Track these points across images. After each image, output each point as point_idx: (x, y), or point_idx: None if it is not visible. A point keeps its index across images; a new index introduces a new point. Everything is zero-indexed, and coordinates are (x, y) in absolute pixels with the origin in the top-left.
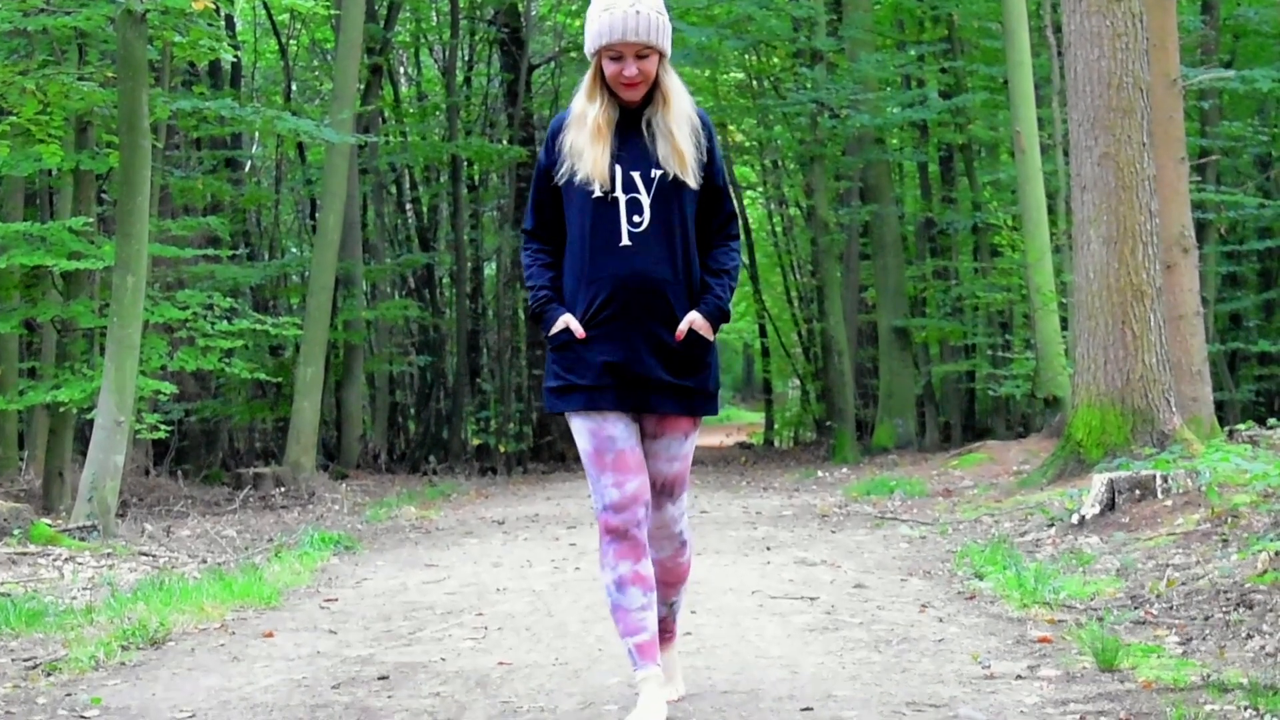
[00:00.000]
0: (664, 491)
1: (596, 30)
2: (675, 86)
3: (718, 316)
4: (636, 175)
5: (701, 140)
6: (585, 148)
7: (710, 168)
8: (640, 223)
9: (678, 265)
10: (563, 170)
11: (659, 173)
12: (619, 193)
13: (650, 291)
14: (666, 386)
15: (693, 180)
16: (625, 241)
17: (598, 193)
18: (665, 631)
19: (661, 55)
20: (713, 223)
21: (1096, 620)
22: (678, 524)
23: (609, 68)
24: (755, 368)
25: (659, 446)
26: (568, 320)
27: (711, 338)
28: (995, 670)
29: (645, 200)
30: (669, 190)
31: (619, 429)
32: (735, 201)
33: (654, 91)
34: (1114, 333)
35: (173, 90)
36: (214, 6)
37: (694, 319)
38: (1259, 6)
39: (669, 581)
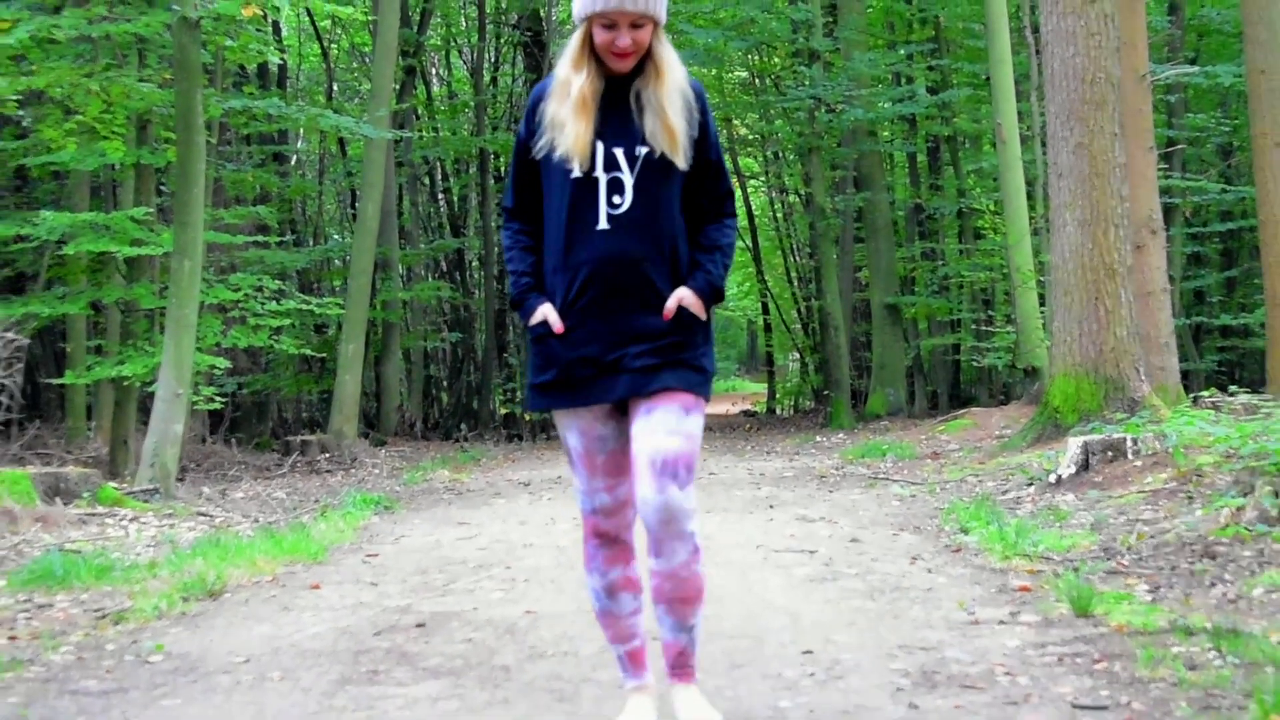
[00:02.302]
0: (665, 472)
1: None
2: (669, 58)
3: (709, 293)
4: (619, 152)
5: (695, 115)
6: (567, 120)
7: (704, 143)
8: (620, 204)
9: (663, 248)
10: (541, 143)
11: (644, 150)
12: (599, 171)
13: (632, 275)
14: (653, 368)
15: (682, 160)
16: (604, 225)
17: (576, 171)
18: (685, 666)
19: (656, 24)
20: (706, 200)
21: (1072, 570)
22: (688, 519)
23: (600, 36)
24: (758, 342)
25: (654, 421)
26: (547, 312)
27: (703, 316)
28: (980, 616)
29: (628, 180)
30: (655, 170)
31: (609, 428)
32: (733, 181)
33: (645, 62)
34: (1088, 308)
35: (225, 91)
36: (262, 13)
37: (683, 295)
38: (1221, 7)
39: (683, 598)
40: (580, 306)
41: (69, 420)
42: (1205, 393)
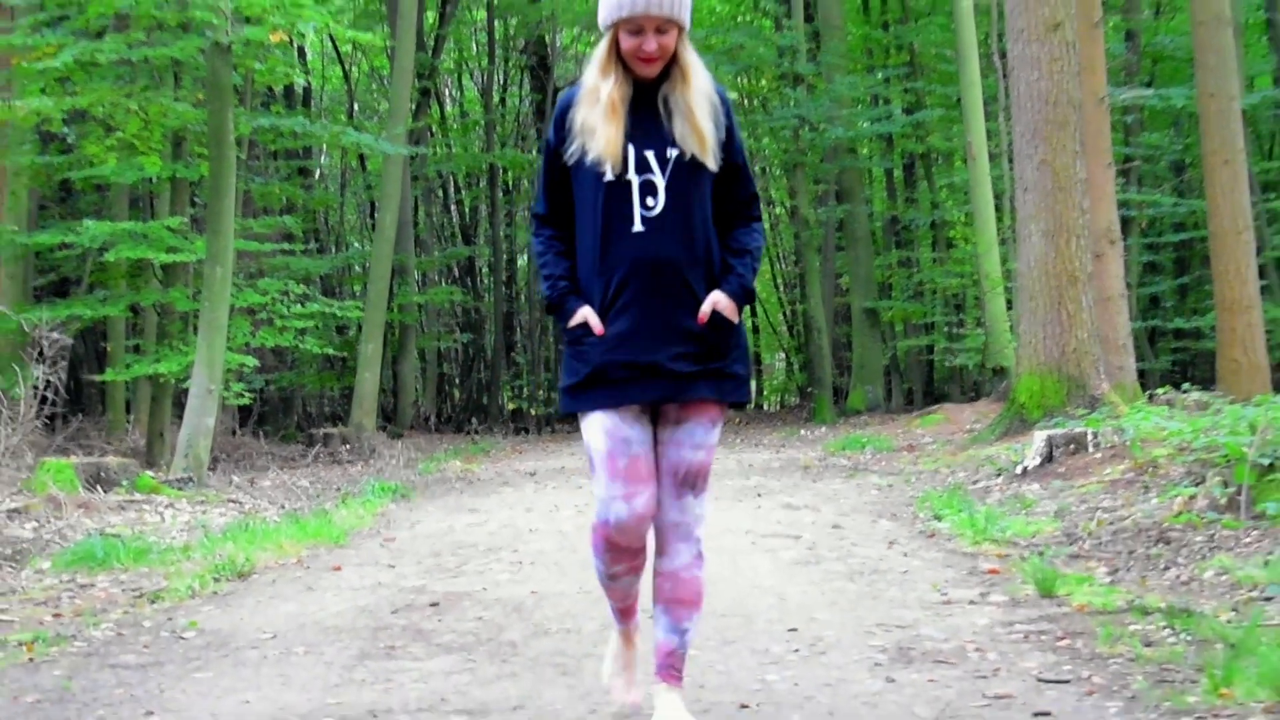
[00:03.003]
0: (685, 482)
1: (616, 1)
2: (694, 62)
3: (741, 296)
4: (651, 155)
5: (721, 119)
6: (598, 125)
7: (730, 146)
8: (654, 206)
9: (696, 249)
10: (573, 149)
11: (675, 153)
12: (632, 174)
13: (667, 275)
14: (691, 374)
15: (712, 162)
16: (638, 227)
17: (609, 175)
18: (673, 668)
19: (681, 29)
20: (732, 204)
21: (1037, 554)
22: (699, 525)
23: (626, 42)
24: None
25: (681, 434)
26: (587, 314)
27: (736, 319)
28: (952, 597)
29: (660, 182)
30: (686, 171)
31: (635, 431)
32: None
33: (671, 67)
34: (1051, 312)
35: (253, 110)
36: (288, 38)
37: (717, 299)
38: (1174, 35)
39: (683, 600)
40: (618, 308)
41: (109, 414)
42: (1160, 390)
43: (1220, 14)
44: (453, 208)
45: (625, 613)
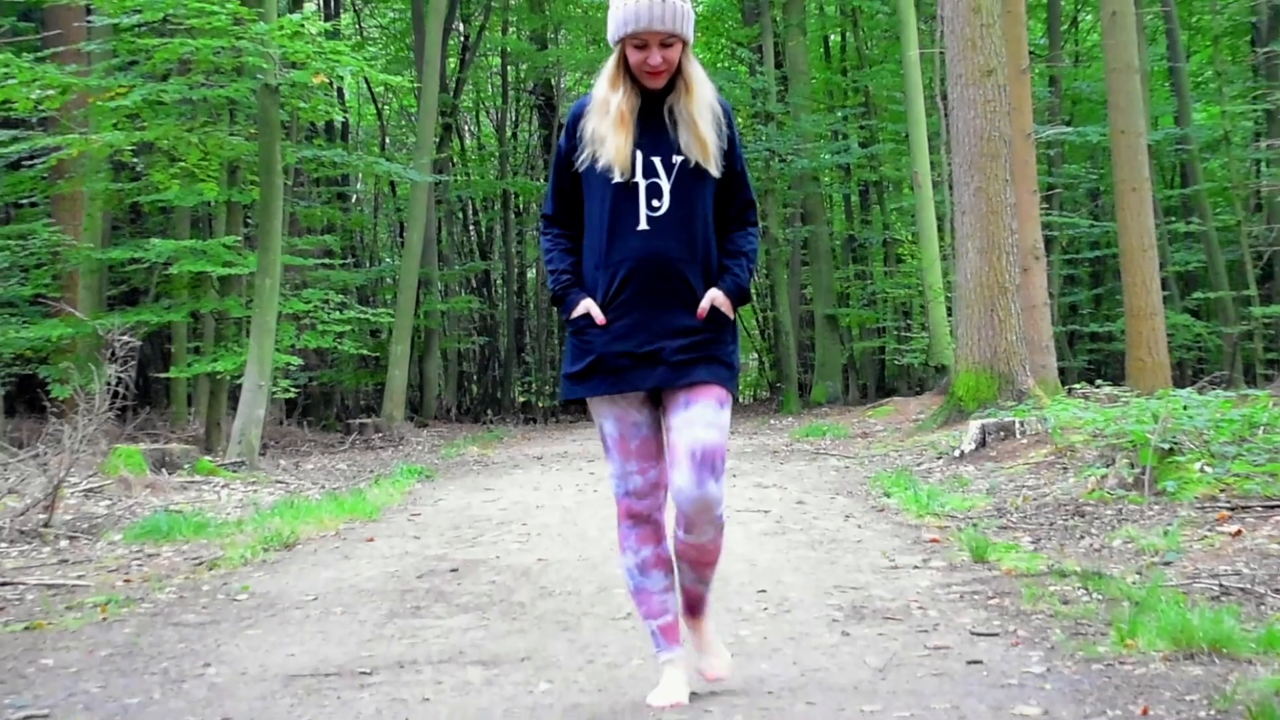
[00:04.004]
0: (705, 464)
1: (622, 18)
2: (698, 75)
3: (737, 294)
4: (657, 161)
5: (723, 128)
6: (608, 134)
7: (731, 154)
8: (659, 207)
9: (696, 248)
10: (583, 156)
11: (680, 159)
12: (639, 178)
13: (668, 272)
14: (690, 361)
15: (714, 168)
16: (643, 225)
17: (618, 179)
18: (698, 605)
19: (685, 44)
20: (731, 209)
21: (972, 526)
22: (720, 505)
23: (633, 56)
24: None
25: (693, 414)
26: (588, 305)
27: (732, 315)
28: (899, 562)
29: (665, 185)
30: (689, 176)
31: (644, 414)
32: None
33: (676, 79)
34: (985, 318)
35: (299, 143)
36: (329, 81)
37: (715, 296)
38: (1090, 80)
39: (705, 562)
40: (621, 301)
41: (173, 406)
42: (1078, 386)
43: (1130, 62)
44: (471, 227)
45: (666, 633)
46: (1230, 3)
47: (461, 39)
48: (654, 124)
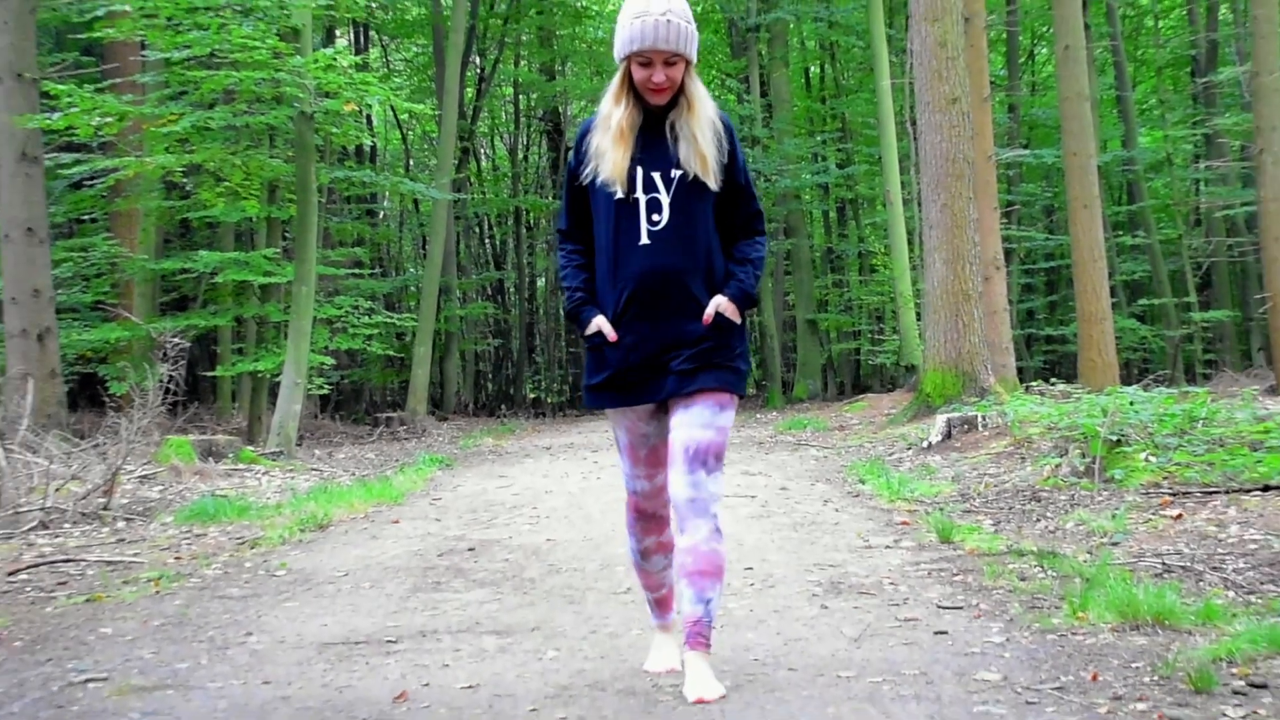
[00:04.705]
0: (696, 458)
1: (628, 36)
2: (700, 92)
3: (742, 299)
4: (657, 175)
5: (724, 143)
6: (608, 150)
7: (732, 168)
8: (659, 221)
9: (698, 259)
10: (587, 171)
11: (679, 173)
12: (639, 193)
13: (671, 285)
14: (696, 370)
15: (713, 182)
16: (644, 240)
17: (619, 194)
18: (700, 635)
19: (688, 62)
20: (738, 220)
21: (938, 510)
22: (713, 501)
23: (638, 73)
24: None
25: (691, 415)
26: (600, 323)
27: (738, 320)
28: (872, 543)
29: (664, 199)
30: (689, 190)
31: (652, 426)
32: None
33: (679, 96)
34: (950, 322)
35: (331, 164)
36: (359, 109)
37: (720, 302)
38: (1045, 108)
39: (705, 571)
40: (629, 317)
41: (218, 401)
42: (1034, 383)
43: (1081, 91)
44: (486, 241)
45: (661, 604)
46: (1172, 37)
47: (478, 71)
48: (656, 139)
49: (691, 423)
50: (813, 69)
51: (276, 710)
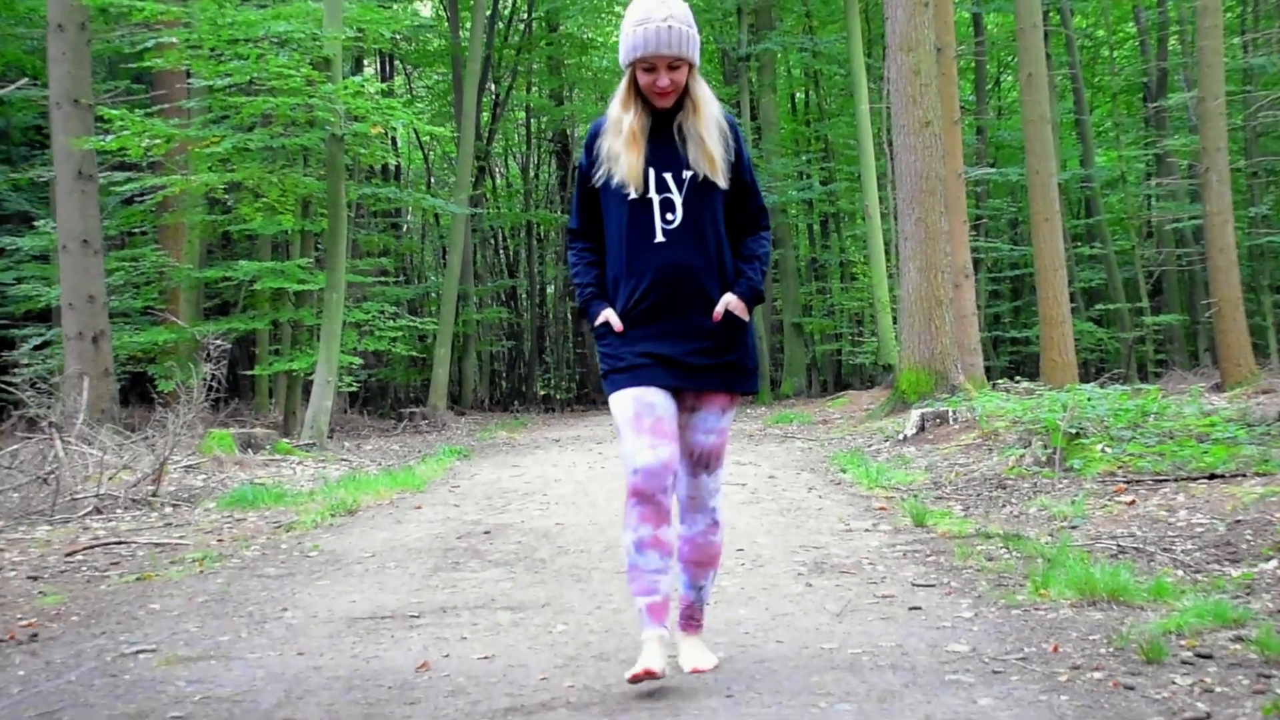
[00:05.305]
0: (700, 462)
1: (631, 43)
2: (704, 94)
3: (751, 297)
4: (669, 176)
5: (730, 143)
6: (621, 153)
7: (739, 166)
8: (673, 220)
9: (710, 256)
10: (599, 173)
11: (690, 174)
12: (653, 194)
13: (686, 280)
14: (705, 367)
15: (722, 180)
16: (660, 238)
17: (633, 195)
18: (693, 619)
19: (691, 66)
20: (743, 216)
21: (913, 496)
22: (712, 498)
23: (643, 78)
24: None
25: (696, 419)
26: (608, 315)
27: (746, 318)
28: (853, 526)
29: (678, 199)
30: (700, 190)
31: (659, 397)
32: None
33: (684, 99)
34: (924, 325)
35: (359, 182)
36: (384, 131)
37: (729, 300)
38: (1010, 130)
39: (700, 561)
40: (643, 309)
41: (257, 398)
42: (1000, 381)
43: (1043, 115)
44: (501, 251)
45: (654, 611)
46: (1126, 66)
47: (493, 97)
48: (665, 142)
49: (695, 428)
50: (798, 95)
51: (309, 679)
